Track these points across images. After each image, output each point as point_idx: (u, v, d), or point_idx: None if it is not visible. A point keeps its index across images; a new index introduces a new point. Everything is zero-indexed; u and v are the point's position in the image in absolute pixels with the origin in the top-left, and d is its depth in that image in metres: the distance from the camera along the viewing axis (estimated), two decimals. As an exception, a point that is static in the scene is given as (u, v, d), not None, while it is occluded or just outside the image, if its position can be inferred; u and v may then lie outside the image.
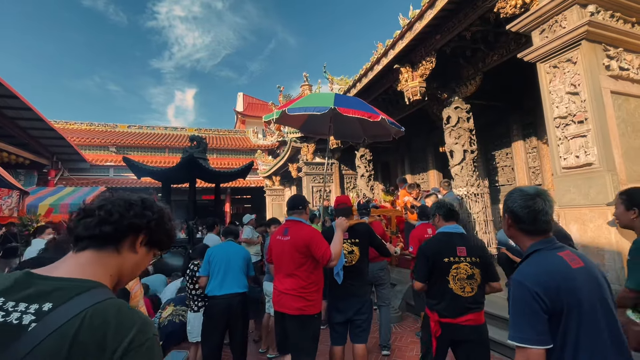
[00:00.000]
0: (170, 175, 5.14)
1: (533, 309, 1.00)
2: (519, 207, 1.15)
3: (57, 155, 15.21)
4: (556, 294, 1.01)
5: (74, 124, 22.53)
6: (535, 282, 1.03)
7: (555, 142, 3.23)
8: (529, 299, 1.01)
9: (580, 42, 3.01)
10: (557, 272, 1.05)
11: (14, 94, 9.54)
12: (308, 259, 2.33)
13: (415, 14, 4.80)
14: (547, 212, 1.13)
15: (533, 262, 1.10)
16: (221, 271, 2.94)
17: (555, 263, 1.08)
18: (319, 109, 3.49)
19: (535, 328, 0.99)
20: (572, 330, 1.00)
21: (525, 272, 1.08)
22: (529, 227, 1.15)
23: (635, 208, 1.77)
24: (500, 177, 7.16)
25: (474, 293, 2.05)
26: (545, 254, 1.11)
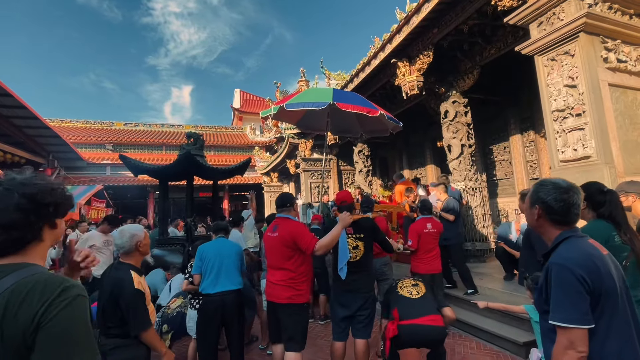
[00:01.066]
0: (168, 172, 5.10)
1: (578, 290, 1.02)
2: (554, 200, 1.17)
3: (53, 154, 15.10)
4: (598, 277, 1.03)
5: (69, 122, 22.35)
6: (578, 265, 1.05)
7: (553, 135, 3.23)
8: (574, 281, 1.03)
9: (578, 34, 3.00)
10: (596, 257, 1.08)
11: (8, 92, 9.44)
12: (295, 252, 2.50)
13: (413, 7, 4.76)
14: (579, 205, 1.18)
15: (571, 247, 1.12)
16: (214, 269, 2.87)
17: (591, 248, 1.11)
18: (317, 104, 3.46)
19: (579, 309, 1.01)
20: (606, 314, 1.02)
21: (566, 256, 1.09)
22: (561, 218, 1.18)
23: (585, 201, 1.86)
24: (498, 171, 7.18)
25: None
26: (578, 240, 1.14)
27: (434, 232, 3.64)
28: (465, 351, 3.35)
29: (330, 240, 2.44)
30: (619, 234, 1.73)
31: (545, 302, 1.10)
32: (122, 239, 1.96)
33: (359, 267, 2.67)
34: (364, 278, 2.68)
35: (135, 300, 1.82)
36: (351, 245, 2.69)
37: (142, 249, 2.00)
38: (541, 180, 1.28)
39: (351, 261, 2.63)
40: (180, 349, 3.67)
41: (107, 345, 1.81)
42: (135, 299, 1.82)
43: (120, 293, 1.81)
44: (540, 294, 1.14)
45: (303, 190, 11.17)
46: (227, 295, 2.81)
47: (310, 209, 10.07)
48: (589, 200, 1.87)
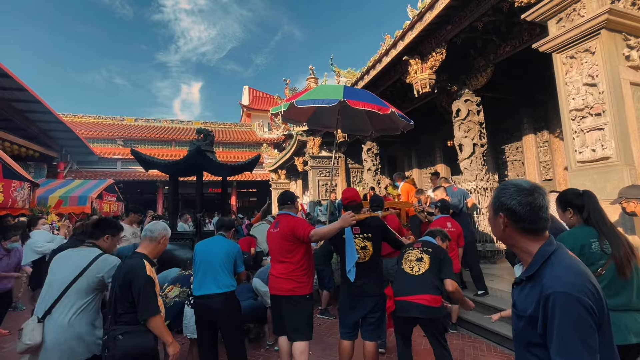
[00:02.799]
0: (178, 167, 5.14)
1: (589, 327, 0.84)
2: (518, 204, 1.00)
3: (66, 148, 15.39)
4: (600, 303, 0.88)
5: (82, 117, 22.74)
6: (585, 293, 0.86)
7: (571, 135, 3.15)
8: (585, 314, 0.84)
9: (599, 31, 2.91)
10: (590, 275, 0.92)
11: (23, 87, 9.63)
12: (295, 245, 2.59)
13: (426, 3, 4.69)
14: (547, 208, 1.01)
15: (566, 267, 0.92)
16: (200, 269, 2.73)
17: (581, 264, 0.95)
18: (328, 101, 3.43)
19: (591, 348, 0.83)
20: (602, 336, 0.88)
21: (568, 281, 0.88)
22: (531, 225, 1.00)
23: (570, 208, 1.90)
24: (509, 171, 7.05)
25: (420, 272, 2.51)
26: (564, 254, 0.97)
27: (454, 231, 3.58)
28: (475, 353, 3.31)
29: (326, 231, 2.49)
30: (598, 240, 1.69)
31: (540, 336, 0.90)
32: (155, 226, 2.16)
33: (368, 268, 2.60)
34: (374, 280, 2.61)
35: (146, 285, 1.88)
36: (359, 245, 2.63)
37: (161, 245, 2.18)
38: (502, 183, 1.11)
39: (360, 262, 2.57)
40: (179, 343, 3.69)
41: (116, 330, 1.87)
42: (146, 284, 1.89)
43: (133, 277, 1.89)
44: (529, 324, 0.93)
45: (311, 188, 11.17)
46: (212, 299, 2.62)
47: (318, 206, 10.08)
48: (571, 205, 1.88)
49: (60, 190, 9.83)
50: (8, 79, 9.17)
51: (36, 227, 4.81)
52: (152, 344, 1.91)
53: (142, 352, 1.86)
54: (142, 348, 1.86)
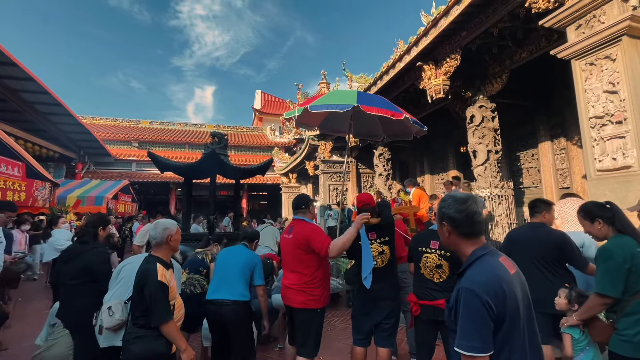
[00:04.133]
0: (192, 170, 5.24)
1: (483, 319, 1.02)
2: (455, 212, 1.17)
3: (84, 149, 15.88)
4: (503, 302, 1.03)
5: (99, 119, 23.41)
6: (486, 291, 1.03)
7: (590, 143, 3.08)
8: (480, 308, 1.02)
9: (620, 38, 2.86)
10: (503, 280, 1.07)
11: (46, 90, 10.01)
12: (309, 254, 2.43)
13: (441, 10, 4.69)
14: (480, 213, 1.18)
15: (481, 269, 1.11)
16: (217, 275, 2.74)
17: (500, 269, 1.10)
18: (341, 107, 3.45)
19: (482, 337, 1.02)
20: (509, 335, 1.03)
21: (475, 280, 1.07)
22: (467, 230, 1.17)
23: (599, 219, 1.90)
24: (525, 178, 6.92)
25: (441, 280, 2.32)
26: (489, 259, 1.12)
27: None
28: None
29: (344, 241, 2.33)
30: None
31: (454, 323, 1.09)
32: (155, 230, 2.05)
33: (386, 273, 2.55)
34: (391, 285, 2.55)
35: (156, 292, 1.85)
36: (376, 251, 2.57)
37: (172, 243, 2.07)
38: (443, 197, 1.28)
39: (377, 268, 2.51)
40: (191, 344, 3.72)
41: (131, 334, 1.89)
42: (157, 290, 1.86)
43: (145, 283, 1.88)
44: (449, 313, 1.13)
45: (321, 192, 11.19)
46: (223, 305, 2.58)
47: (328, 210, 10.08)
48: (599, 217, 1.90)
49: (78, 190, 10.13)
50: (32, 82, 9.55)
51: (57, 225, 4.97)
52: (163, 350, 1.87)
53: (153, 357, 1.86)
54: (153, 353, 1.85)
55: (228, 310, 2.56)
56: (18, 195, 4.97)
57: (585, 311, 1.87)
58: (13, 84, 9.72)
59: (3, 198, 4.76)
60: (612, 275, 1.69)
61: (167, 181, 18.35)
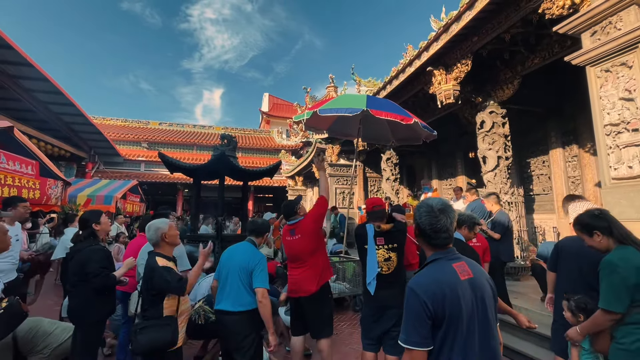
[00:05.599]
0: (202, 171, 5.27)
1: (420, 316, 1.12)
2: (425, 224, 1.26)
3: (95, 149, 16.10)
4: (441, 304, 1.12)
5: (110, 119, 23.78)
6: (425, 292, 1.14)
7: (605, 151, 3.03)
8: (418, 307, 1.13)
9: (637, 44, 2.82)
10: (445, 283, 1.16)
11: (59, 90, 10.21)
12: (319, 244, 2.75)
13: (452, 15, 4.68)
14: (448, 228, 1.24)
15: (428, 271, 1.22)
16: (220, 280, 2.46)
17: (446, 273, 1.19)
18: (351, 111, 3.46)
19: (420, 333, 1.12)
20: (450, 335, 1.12)
21: (418, 281, 1.19)
22: (432, 241, 1.26)
23: (597, 231, 1.82)
24: (535, 185, 6.82)
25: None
26: (441, 263, 1.23)
27: (479, 245, 3.47)
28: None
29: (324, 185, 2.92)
30: None
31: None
32: (149, 232, 2.19)
33: (391, 280, 2.49)
34: (397, 293, 2.44)
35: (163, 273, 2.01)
36: (382, 257, 2.53)
37: (167, 239, 2.21)
38: (420, 202, 1.37)
39: (383, 274, 2.48)
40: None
41: (138, 325, 2.04)
42: (163, 272, 2.02)
43: (152, 273, 2.03)
44: None
45: (328, 196, 11.17)
46: (227, 315, 2.34)
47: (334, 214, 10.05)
48: (597, 228, 1.83)
49: (89, 189, 10.28)
50: (46, 82, 9.76)
51: (72, 224, 5.00)
52: (167, 338, 1.99)
53: (157, 345, 1.97)
54: (157, 342, 1.97)
55: (231, 322, 2.34)
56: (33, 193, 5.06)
57: (591, 327, 1.79)
58: (28, 84, 9.93)
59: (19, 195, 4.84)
60: (617, 291, 1.63)
61: (175, 182, 18.51)
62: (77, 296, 2.47)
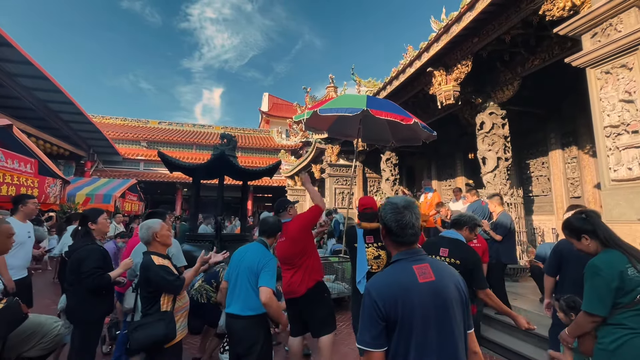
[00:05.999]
0: (201, 171, 5.27)
1: (372, 317, 1.11)
2: (390, 220, 1.23)
3: (94, 147, 16.09)
4: (393, 305, 1.10)
5: (109, 118, 23.73)
6: (377, 293, 1.13)
7: (605, 153, 3.03)
8: (370, 307, 1.12)
9: (637, 47, 2.82)
10: (400, 285, 1.14)
11: (59, 89, 10.19)
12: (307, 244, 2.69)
13: (453, 16, 4.68)
14: (413, 224, 1.22)
15: (385, 273, 1.21)
16: (231, 282, 2.35)
17: (404, 275, 1.16)
18: (351, 110, 3.46)
19: (371, 333, 1.10)
20: (404, 338, 1.09)
21: (373, 281, 1.19)
22: (398, 239, 1.23)
23: (585, 235, 1.82)
24: (534, 187, 6.83)
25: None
26: (402, 265, 1.20)
27: (479, 247, 3.48)
28: (496, 374, 3.18)
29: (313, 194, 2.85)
30: (632, 264, 1.61)
31: None
32: (141, 232, 2.22)
33: None
34: None
35: (159, 272, 2.04)
36: (372, 254, 2.49)
37: (159, 239, 2.23)
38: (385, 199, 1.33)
39: (372, 272, 2.42)
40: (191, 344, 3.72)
41: (134, 324, 2.08)
42: (159, 271, 2.05)
43: (147, 271, 2.06)
44: None
45: (327, 196, 11.17)
46: (237, 320, 2.25)
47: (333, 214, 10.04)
48: (584, 232, 1.82)
49: (87, 188, 10.26)
50: (46, 81, 9.74)
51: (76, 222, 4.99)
52: (162, 332, 2.01)
53: (153, 341, 2.00)
54: (152, 338, 1.99)
55: (240, 327, 2.24)
56: (31, 192, 5.05)
57: (575, 328, 1.80)
58: (28, 82, 9.92)
59: (17, 194, 4.83)
60: (600, 294, 1.63)
61: (174, 181, 18.49)
62: (74, 295, 2.47)
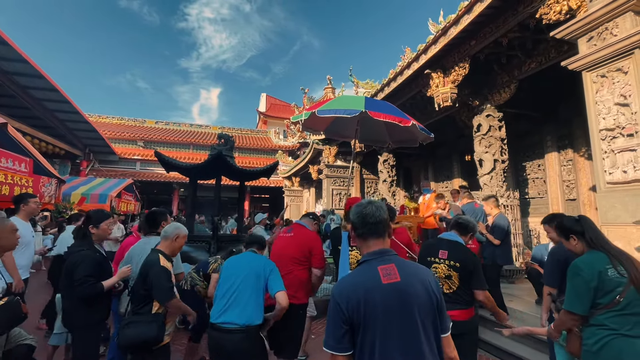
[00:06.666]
0: (198, 171, 5.25)
1: (335, 320, 1.11)
2: (353, 214, 1.25)
3: (90, 147, 15.97)
4: (356, 307, 1.08)
5: (106, 117, 23.58)
6: (340, 295, 1.13)
7: (600, 156, 3.06)
8: (333, 310, 1.12)
9: (633, 51, 2.85)
10: (362, 286, 1.12)
11: (55, 87, 10.12)
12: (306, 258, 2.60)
13: (450, 18, 4.70)
14: (374, 214, 1.20)
15: (351, 274, 1.21)
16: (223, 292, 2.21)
17: (368, 276, 1.14)
18: (349, 112, 3.45)
19: (335, 336, 1.10)
20: (368, 341, 1.07)
21: (339, 284, 1.20)
22: (360, 230, 1.22)
23: (573, 235, 1.86)
24: (530, 189, 6.88)
25: (451, 291, 2.22)
26: (368, 265, 1.18)
27: (473, 247, 3.49)
28: (492, 376, 3.19)
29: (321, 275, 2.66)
30: (613, 266, 1.65)
31: None
32: (170, 226, 2.33)
33: None
34: None
35: (160, 274, 2.06)
36: (355, 258, 2.38)
37: (176, 242, 2.31)
38: None
39: None
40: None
41: (127, 320, 2.10)
42: (160, 273, 2.06)
43: (149, 270, 2.08)
44: None
45: (324, 197, 11.17)
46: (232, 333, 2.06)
47: (331, 215, 10.05)
48: (573, 232, 1.86)
49: (83, 187, 10.17)
50: (42, 79, 9.66)
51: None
52: (153, 334, 2.01)
53: (143, 340, 1.99)
54: (142, 337, 1.98)
55: (238, 340, 2.06)
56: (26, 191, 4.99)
57: (558, 324, 1.85)
58: (23, 80, 9.83)
59: (11, 193, 4.78)
60: (579, 293, 1.68)
61: (171, 181, 18.39)
62: (68, 299, 2.40)
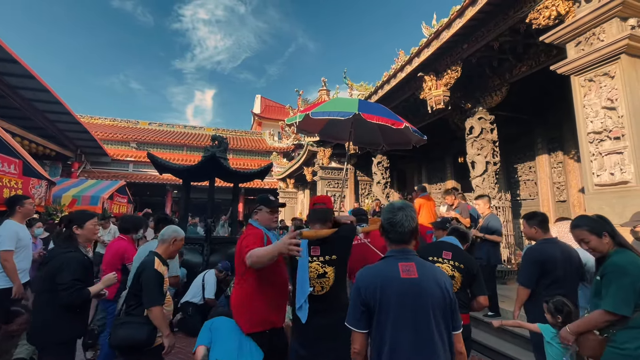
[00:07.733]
0: (192, 173, 5.22)
1: (355, 301, 1.30)
2: (384, 220, 1.38)
3: (81, 148, 15.75)
4: (372, 293, 1.26)
5: (98, 118, 23.31)
6: (362, 280, 1.31)
7: (588, 158, 3.12)
8: (355, 292, 1.31)
9: (619, 55, 2.92)
10: (382, 277, 1.29)
11: (45, 88, 9.97)
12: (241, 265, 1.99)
13: (443, 22, 4.77)
14: (402, 224, 1.33)
15: (374, 266, 1.37)
16: None
17: (389, 269, 1.30)
18: (343, 114, 3.46)
19: (354, 316, 1.30)
20: (382, 323, 1.25)
21: (363, 272, 1.36)
22: (388, 235, 1.36)
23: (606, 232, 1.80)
24: (522, 191, 6.97)
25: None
26: (390, 261, 1.33)
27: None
28: (484, 376, 3.22)
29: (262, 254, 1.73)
30: None
31: None
32: (166, 230, 2.35)
33: (326, 305, 1.83)
34: (335, 320, 1.74)
35: (151, 278, 2.04)
36: (315, 272, 1.85)
37: (173, 246, 2.32)
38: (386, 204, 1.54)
39: (314, 296, 1.83)
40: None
41: (120, 319, 2.08)
42: (152, 276, 2.05)
43: (142, 271, 2.08)
44: None
45: (319, 198, 11.17)
46: None
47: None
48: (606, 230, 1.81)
49: (74, 189, 10.02)
50: (32, 79, 9.52)
51: None
52: (144, 336, 1.99)
53: (134, 341, 1.98)
54: (134, 338, 1.97)
55: None
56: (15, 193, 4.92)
57: (586, 326, 1.77)
58: (13, 81, 9.67)
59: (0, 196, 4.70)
60: (627, 294, 1.61)
61: (164, 183, 18.22)
62: (41, 311, 2.04)
